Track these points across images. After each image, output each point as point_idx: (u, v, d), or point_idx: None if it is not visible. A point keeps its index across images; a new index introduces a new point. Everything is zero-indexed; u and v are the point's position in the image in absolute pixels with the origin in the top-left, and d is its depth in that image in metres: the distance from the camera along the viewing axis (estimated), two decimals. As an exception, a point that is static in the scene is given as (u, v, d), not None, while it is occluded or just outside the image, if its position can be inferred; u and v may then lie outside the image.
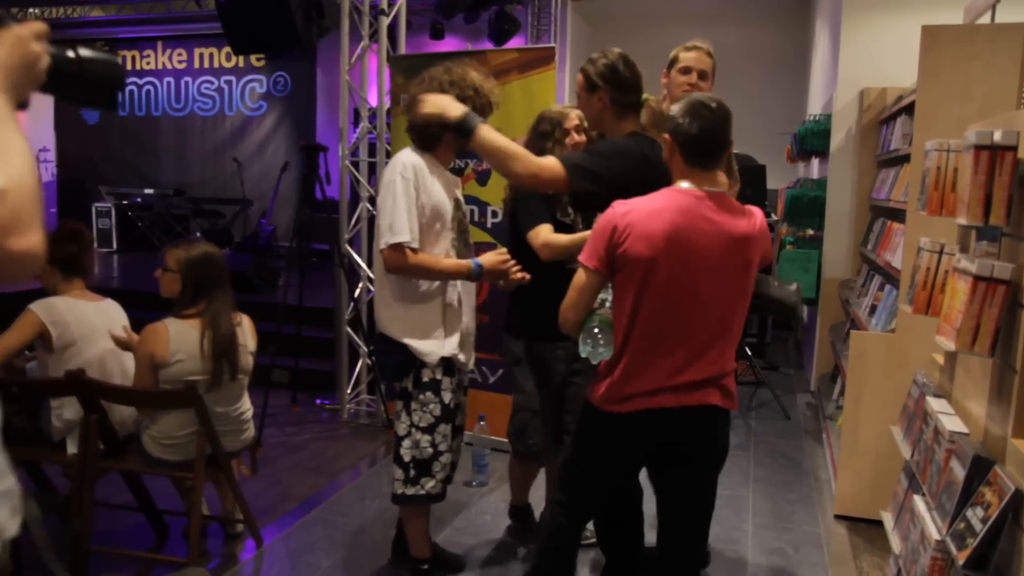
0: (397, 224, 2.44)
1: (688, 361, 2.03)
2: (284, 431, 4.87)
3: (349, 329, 5.13)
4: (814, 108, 7.37)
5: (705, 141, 2.02)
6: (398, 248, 2.45)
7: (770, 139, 8.24)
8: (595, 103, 2.40)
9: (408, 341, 2.59)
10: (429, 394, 2.63)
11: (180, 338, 2.84)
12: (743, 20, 9.29)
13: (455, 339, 2.67)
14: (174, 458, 2.90)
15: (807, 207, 6.12)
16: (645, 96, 2.44)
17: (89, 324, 3.05)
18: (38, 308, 2.97)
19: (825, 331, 5.66)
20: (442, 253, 2.59)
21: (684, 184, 2.04)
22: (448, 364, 2.66)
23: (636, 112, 2.43)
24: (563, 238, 2.60)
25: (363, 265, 5.15)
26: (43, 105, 12.47)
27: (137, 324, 3.10)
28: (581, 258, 2.07)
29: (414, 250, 2.48)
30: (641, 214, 1.99)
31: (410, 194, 2.47)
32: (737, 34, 9.23)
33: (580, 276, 2.08)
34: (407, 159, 2.53)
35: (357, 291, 5.14)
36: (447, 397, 2.65)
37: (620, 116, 2.40)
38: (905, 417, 2.48)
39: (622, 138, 2.38)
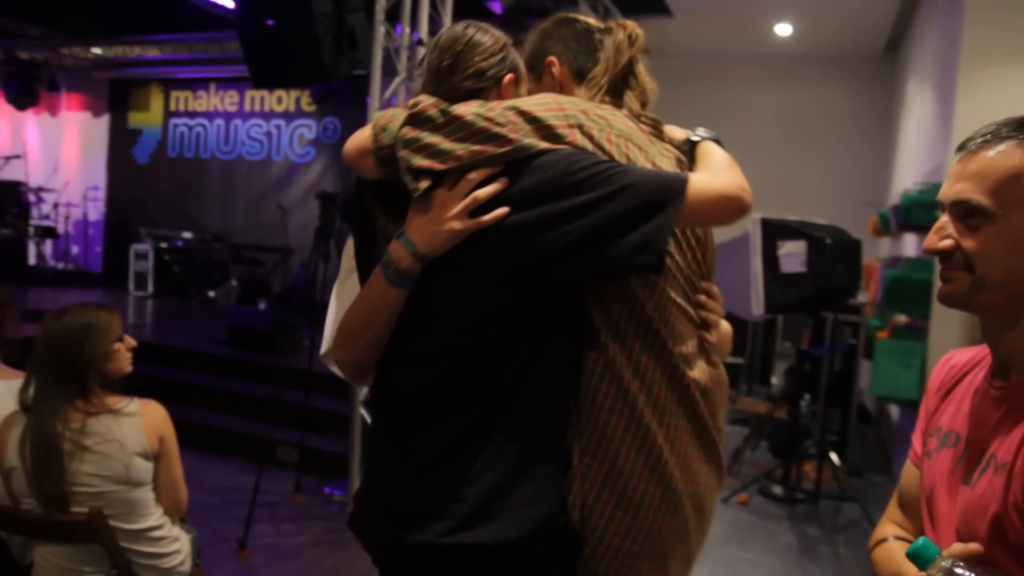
0: None
1: None
2: (279, 528, 4.11)
3: (363, 410, 4.38)
4: (906, 176, 6.50)
5: None
6: None
7: (851, 210, 7.38)
8: None
9: None
10: None
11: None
12: (819, 83, 8.59)
13: None
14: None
15: (910, 291, 5.20)
16: None
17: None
18: None
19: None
20: None
21: None
22: None
23: None
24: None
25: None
26: (97, 143, 12.34)
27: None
28: None
29: None
30: None
31: None
32: (813, 97, 8.56)
33: None
34: None
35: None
36: None
37: None
38: None
39: None
